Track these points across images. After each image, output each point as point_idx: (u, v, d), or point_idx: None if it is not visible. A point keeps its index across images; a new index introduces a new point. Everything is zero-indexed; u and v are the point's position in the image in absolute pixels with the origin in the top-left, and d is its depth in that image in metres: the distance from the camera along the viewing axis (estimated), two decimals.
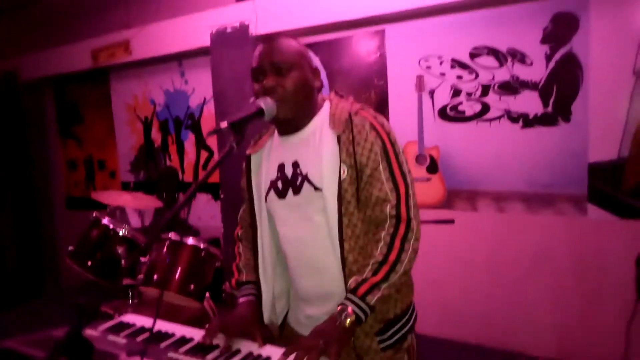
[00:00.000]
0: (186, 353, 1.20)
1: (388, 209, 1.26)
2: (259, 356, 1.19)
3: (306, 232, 1.35)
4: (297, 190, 1.34)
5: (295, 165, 1.35)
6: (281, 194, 1.37)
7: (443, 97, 3.16)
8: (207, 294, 2.43)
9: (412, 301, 1.43)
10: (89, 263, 2.53)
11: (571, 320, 2.90)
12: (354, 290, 1.22)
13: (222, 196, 3.91)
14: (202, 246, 2.38)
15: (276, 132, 1.44)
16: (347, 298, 1.23)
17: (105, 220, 2.61)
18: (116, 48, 4.41)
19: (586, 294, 2.84)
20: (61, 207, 5.66)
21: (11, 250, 5.82)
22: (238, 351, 1.22)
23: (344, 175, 1.27)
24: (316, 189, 1.30)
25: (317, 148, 1.32)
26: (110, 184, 5.14)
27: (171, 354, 1.19)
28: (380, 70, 3.35)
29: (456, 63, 3.08)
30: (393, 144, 1.30)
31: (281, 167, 1.38)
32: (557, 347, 2.95)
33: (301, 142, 1.36)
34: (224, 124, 1.17)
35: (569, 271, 2.88)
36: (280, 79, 1.29)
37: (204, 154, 4.42)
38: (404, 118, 3.27)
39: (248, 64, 3.53)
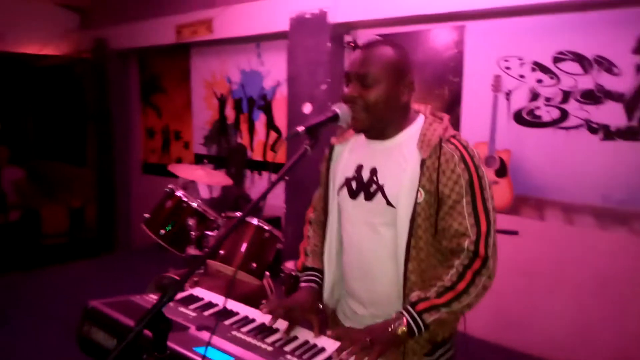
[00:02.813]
0: (248, 333, 1.30)
1: (466, 244, 1.25)
2: (315, 345, 1.27)
3: (369, 239, 1.38)
4: (369, 197, 1.36)
5: (373, 172, 1.37)
6: (353, 195, 1.40)
7: (520, 100, 3.07)
8: (267, 273, 2.55)
9: (456, 329, 1.45)
10: (162, 232, 2.72)
11: (631, 346, 2.78)
12: (413, 304, 1.26)
13: (286, 178, 4.03)
14: (266, 227, 2.50)
15: None
16: (405, 309, 1.27)
17: (179, 193, 2.78)
18: (199, 25, 4.59)
19: None
20: (137, 172, 6.03)
21: (92, 206, 6.32)
22: (295, 338, 1.31)
23: (420, 199, 1.27)
24: (389, 203, 1.32)
25: (400, 164, 1.32)
26: (184, 155, 5.41)
27: (235, 332, 1.29)
28: (456, 67, 3.29)
29: (537, 66, 2.98)
30: (480, 179, 1.28)
31: (359, 169, 1.40)
32: None
33: (385, 150, 1.37)
34: (301, 128, 1.22)
35: (636, 295, 2.76)
36: (363, 91, 1.31)
37: (273, 135, 4.55)
38: (476, 117, 3.21)
39: (323, 51, 3.61)
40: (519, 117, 3.08)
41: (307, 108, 3.70)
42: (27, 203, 5.31)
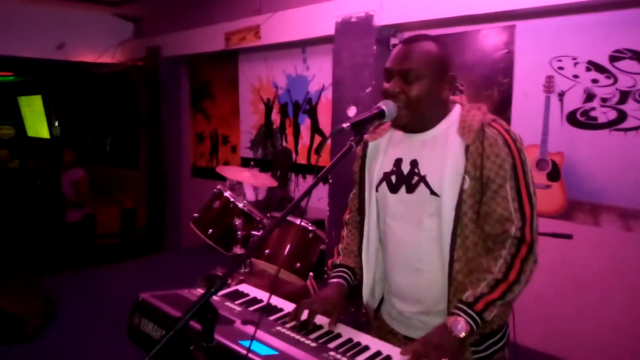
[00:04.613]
0: (292, 329, 1.31)
1: (513, 230, 1.25)
2: (359, 343, 1.26)
3: (413, 231, 1.37)
4: (410, 189, 1.35)
5: (414, 163, 1.36)
6: (393, 189, 1.40)
7: (574, 101, 2.95)
8: (311, 274, 2.56)
9: (507, 321, 1.42)
10: (210, 231, 2.79)
11: None
12: (470, 305, 1.24)
13: (330, 180, 4.04)
14: (310, 228, 2.52)
15: None
16: (462, 310, 1.25)
17: (227, 194, 2.85)
18: (247, 32, 4.70)
19: None
20: (187, 175, 6.22)
21: (143, 207, 6.56)
22: (339, 335, 1.31)
23: (465, 186, 1.26)
24: (433, 193, 1.31)
25: (441, 153, 1.31)
26: (231, 158, 5.54)
27: (279, 328, 1.30)
28: (506, 68, 3.21)
29: (592, 65, 2.86)
30: (523, 163, 1.27)
31: (398, 162, 1.40)
32: None
33: (424, 142, 1.37)
34: (346, 125, 1.23)
35: None
36: (406, 87, 1.31)
37: (317, 139, 4.58)
38: (527, 119, 3.11)
39: (369, 53, 3.61)
40: (572, 119, 2.96)
41: (351, 111, 3.71)
42: (80, 203, 5.57)
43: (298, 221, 2.53)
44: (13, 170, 9.05)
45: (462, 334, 1.21)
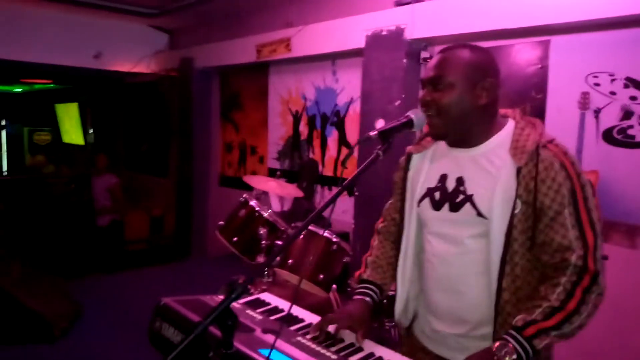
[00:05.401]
0: (312, 340, 1.28)
1: (574, 259, 1.16)
2: (380, 358, 1.23)
3: (454, 253, 1.31)
4: (455, 208, 1.29)
5: (460, 181, 1.30)
6: (436, 206, 1.34)
7: (610, 118, 2.86)
8: (334, 286, 2.53)
9: (550, 354, 1.34)
10: (234, 239, 2.80)
11: None
12: (519, 329, 1.15)
13: (356, 193, 4.01)
14: (334, 239, 2.49)
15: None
16: (510, 335, 1.16)
17: (252, 203, 2.85)
18: (278, 45, 4.75)
19: None
20: (215, 184, 6.29)
21: (171, 215, 6.65)
22: (360, 349, 1.28)
23: (517, 210, 1.19)
24: (480, 214, 1.24)
25: (491, 173, 1.24)
26: (259, 168, 5.57)
27: (299, 338, 1.28)
28: (539, 83, 3.14)
29: (631, 82, 2.77)
30: (583, 187, 1.19)
31: (443, 178, 1.34)
32: None
33: (472, 159, 1.30)
34: (373, 133, 1.21)
35: None
36: (436, 94, 1.27)
37: (344, 151, 4.57)
38: (561, 136, 2.95)
39: (398, 67, 3.59)
40: (608, 137, 2.87)
41: (379, 124, 3.69)
42: (116, 210, 5.69)
43: (322, 232, 2.51)
44: (48, 175, 9.34)
45: (507, 359, 1.12)
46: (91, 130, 9.67)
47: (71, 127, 10.28)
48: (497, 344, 1.15)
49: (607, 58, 2.86)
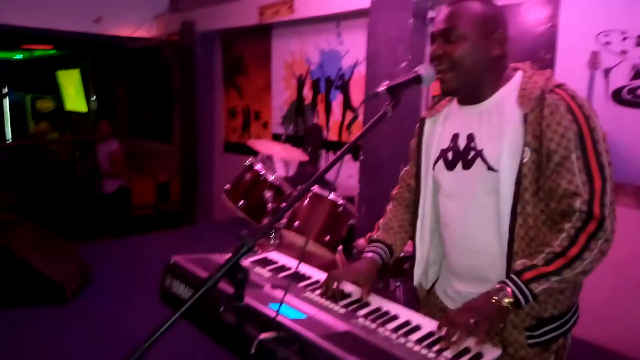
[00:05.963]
0: (321, 296, 1.30)
1: (578, 204, 1.13)
2: (387, 312, 1.25)
3: (470, 210, 1.30)
4: (467, 165, 1.28)
5: (470, 138, 1.28)
6: (450, 166, 1.33)
7: (621, 78, 2.81)
8: (340, 247, 2.56)
9: (576, 303, 1.32)
10: (241, 202, 2.81)
11: None
12: (518, 273, 1.14)
13: (361, 157, 4.01)
14: (340, 202, 2.50)
15: (456, 99, 1.38)
16: (509, 278, 1.15)
17: (258, 167, 2.85)
18: (281, 6, 4.65)
19: None
20: (219, 150, 6.28)
21: (176, 181, 6.68)
22: (367, 304, 1.29)
23: (525, 159, 1.17)
24: (490, 168, 1.23)
25: (498, 124, 1.23)
26: (263, 134, 5.56)
27: (308, 294, 1.30)
28: (549, 43, 3.08)
29: None
30: (592, 131, 1.15)
31: (455, 137, 1.33)
32: None
33: (481, 114, 1.28)
34: (382, 89, 1.19)
35: None
36: (448, 47, 1.24)
37: (349, 115, 4.53)
38: None
39: (405, 27, 3.52)
40: (618, 97, 2.83)
41: (382, 88, 3.64)
42: (115, 175, 5.71)
43: (329, 195, 2.52)
44: (52, 142, 9.35)
45: (504, 302, 1.11)
46: (94, 97, 9.62)
47: (73, 93, 10.23)
48: (496, 287, 1.15)
49: (619, 15, 2.79)
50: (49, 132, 9.91)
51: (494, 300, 1.13)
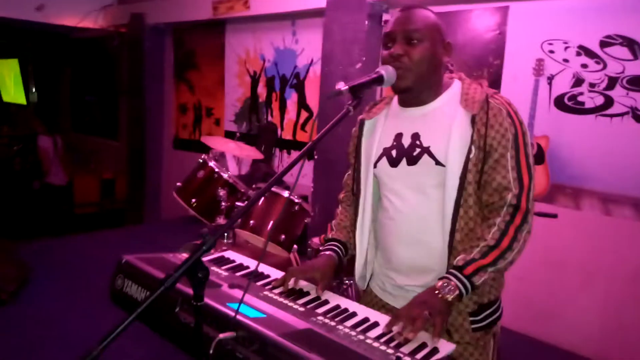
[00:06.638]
0: (280, 294, 1.29)
1: (509, 197, 1.26)
2: (346, 310, 1.25)
3: (416, 203, 1.36)
4: (412, 161, 1.35)
5: (415, 136, 1.36)
6: (394, 163, 1.39)
7: (562, 85, 2.97)
8: (295, 247, 2.55)
9: (500, 293, 1.43)
10: (193, 201, 2.75)
11: None
12: (460, 268, 1.25)
13: (316, 157, 4.02)
14: (296, 200, 2.50)
15: (395, 101, 1.46)
16: (451, 274, 1.25)
17: (211, 164, 2.80)
18: (235, 2, 4.58)
19: None
20: (168, 146, 6.12)
21: (122, 178, 6.45)
22: (326, 301, 1.30)
23: (471, 155, 1.27)
24: (438, 163, 1.31)
25: (446, 124, 1.32)
26: (215, 131, 5.45)
27: (266, 292, 1.29)
28: (497, 49, 3.20)
29: (583, 50, 2.87)
30: (524, 134, 1.30)
31: (398, 137, 1.39)
32: None
33: (424, 116, 1.37)
34: (344, 87, 1.20)
35: None
36: (409, 49, 1.30)
37: (304, 114, 4.53)
38: (515, 102, 3.07)
39: (360, 29, 3.55)
40: (560, 103, 2.98)
41: (340, 87, 3.67)
42: (62, 172, 5.45)
43: (284, 193, 2.51)
44: None
45: (450, 297, 1.21)
46: (34, 89, 9.12)
47: (11, 85, 9.65)
48: (440, 282, 1.24)
49: (562, 26, 2.94)
50: None
51: (440, 295, 1.22)
